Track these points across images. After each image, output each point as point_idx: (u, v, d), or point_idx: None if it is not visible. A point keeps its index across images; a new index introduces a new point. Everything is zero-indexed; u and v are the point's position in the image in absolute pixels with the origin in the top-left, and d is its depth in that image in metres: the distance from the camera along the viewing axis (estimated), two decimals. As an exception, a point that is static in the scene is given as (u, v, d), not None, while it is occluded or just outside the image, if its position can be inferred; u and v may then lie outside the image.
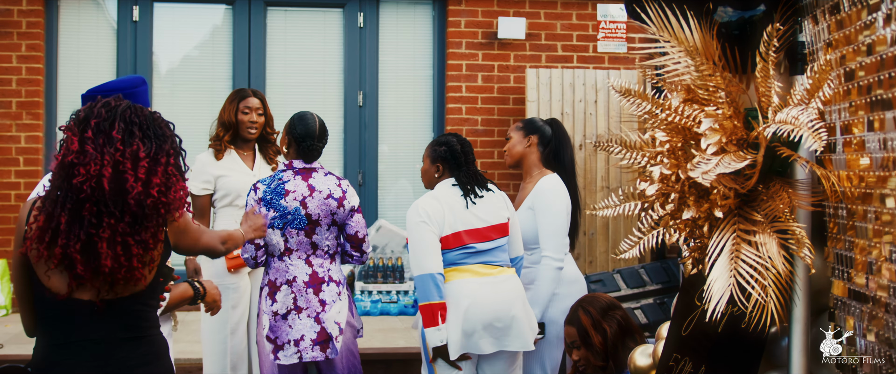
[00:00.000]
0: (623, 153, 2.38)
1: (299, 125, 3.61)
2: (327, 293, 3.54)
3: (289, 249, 3.53)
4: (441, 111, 6.30)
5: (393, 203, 6.38)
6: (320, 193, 3.55)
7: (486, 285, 3.39)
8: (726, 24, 2.31)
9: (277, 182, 3.54)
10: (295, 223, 3.51)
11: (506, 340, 3.39)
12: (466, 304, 3.33)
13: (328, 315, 3.52)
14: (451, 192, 3.50)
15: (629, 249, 2.37)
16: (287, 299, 3.50)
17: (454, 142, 3.56)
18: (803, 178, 2.22)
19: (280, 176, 3.57)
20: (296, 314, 3.49)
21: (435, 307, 3.31)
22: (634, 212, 2.38)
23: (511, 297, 3.41)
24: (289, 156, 3.63)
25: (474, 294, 3.35)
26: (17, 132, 5.91)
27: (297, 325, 3.48)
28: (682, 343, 2.47)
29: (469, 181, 3.52)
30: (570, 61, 6.24)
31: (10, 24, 5.90)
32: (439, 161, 3.57)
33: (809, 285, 2.22)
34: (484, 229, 3.45)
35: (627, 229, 5.50)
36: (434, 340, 3.31)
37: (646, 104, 2.30)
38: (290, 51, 6.32)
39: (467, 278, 3.39)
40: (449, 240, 3.42)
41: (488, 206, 3.50)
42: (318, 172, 3.61)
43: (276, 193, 3.52)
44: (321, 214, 3.54)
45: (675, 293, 4.31)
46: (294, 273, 3.52)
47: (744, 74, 2.27)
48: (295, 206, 3.51)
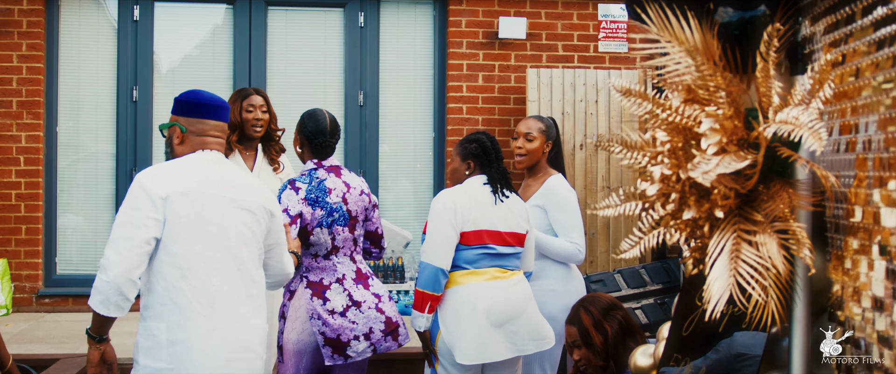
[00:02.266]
0: (624, 153, 2.38)
1: (310, 122, 3.58)
2: (376, 287, 3.59)
3: (336, 247, 3.51)
4: (442, 111, 6.30)
5: (393, 203, 6.38)
6: (355, 189, 3.58)
7: (499, 288, 3.40)
8: (727, 24, 2.31)
9: (317, 180, 3.51)
10: (341, 221, 3.50)
11: (519, 343, 3.40)
12: (482, 308, 3.34)
13: (388, 306, 3.56)
14: (481, 189, 3.48)
15: (630, 249, 2.37)
16: (341, 296, 3.47)
17: (484, 139, 3.55)
18: (804, 178, 2.21)
19: (316, 175, 3.54)
20: (356, 309, 3.47)
21: (428, 297, 3.38)
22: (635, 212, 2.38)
23: (523, 299, 3.44)
24: (304, 156, 3.62)
25: (490, 298, 3.36)
26: (18, 132, 5.92)
27: (361, 319, 3.46)
28: (683, 343, 2.47)
29: (500, 179, 3.51)
30: (570, 61, 6.24)
31: (11, 23, 5.90)
32: (470, 158, 3.54)
33: (810, 285, 2.22)
34: (505, 234, 3.45)
35: (628, 228, 5.50)
36: (417, 324, 3.41)
37: (646, 104, 2.30)
38: (291, 50, 6.32)
39: (483, 282, 3.39)
40: (470, 236, 3.40)
41: (512, 212, 3.50)
42: (344, 170, 3.63)
43: (321, 190, 3.49)
44: (358, 210, 3.58)
45: (675, 293, 4.31)
46: (343, 271, 3.51)
47: (744, 74, 2.27)
48: (338, 203, 3.50)
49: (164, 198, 2.70)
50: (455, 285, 3.39)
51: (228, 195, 2.81)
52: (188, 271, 2.70)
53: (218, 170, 2.84)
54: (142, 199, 2.70)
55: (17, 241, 5.94)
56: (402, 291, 5.87)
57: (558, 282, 3.82)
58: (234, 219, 2.80)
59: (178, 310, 2.69)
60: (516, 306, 3.39)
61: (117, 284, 2.61)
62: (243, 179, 2.91)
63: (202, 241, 2.73)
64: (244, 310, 2.80)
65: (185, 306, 2.70)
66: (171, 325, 2.69)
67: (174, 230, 2.70)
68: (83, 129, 6.17)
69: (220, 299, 2.74)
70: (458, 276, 3.40)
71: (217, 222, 2.77)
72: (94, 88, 6.16)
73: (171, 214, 2.70)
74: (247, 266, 2.82)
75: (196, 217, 2.73)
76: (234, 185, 2.85)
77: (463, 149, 3.56)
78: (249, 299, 2.82)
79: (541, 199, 3.83)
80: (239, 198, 2.83)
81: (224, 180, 2.83)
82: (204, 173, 2.80)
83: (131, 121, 6.12)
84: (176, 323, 2.69)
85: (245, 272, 2.81)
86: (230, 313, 2.75)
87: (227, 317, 2.74)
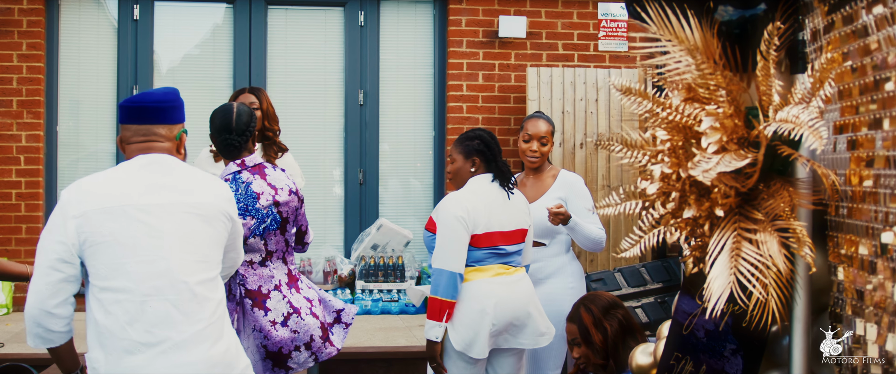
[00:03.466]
0: (624, 152, 2.38)
1: (217, 117, 3.34)
2: (306, 290, 3.42)
3: (270, 252, 3.30)
4: (442, 110, 6.30)
5: (393, 202, 6.38)
6: (282, 190, 3.33)
7: (505, 284, 3.41)
8: (727, 23, 2.31)
9: (243, 185, 3.23)
10: (272, 225, 3.28)
11: (521, 338, 3.42)
12: (491, 303, 3.35)
13: (319, 310, 3.40)
14: (488, 188, 3.45)
15: (630, 247, 2.37)
16: (281, 304, 3.27)
17: (485, 135, 3.50)
18: (804, 176, 2.22)
19: (240, 178, 3.25)
20: (297, 316, 3.29)
21: (445, 305, 3.31)
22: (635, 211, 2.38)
23: (527, 295, 3.47)
24: (219, 157, 3.44)
25: (498, 294, 3.37)
26: (18, 131, 5.92)
27: (303, 327, 3.28)
28: (683, 342, 2.47)
29: (507, 174, 3.47)
30: (570, 60, 6.24)
31: (11, 22, 5.90)
32: (475, 155, 3.48)
33: (810, 284, 2.22)
34: (511, 232, 3.46)
35: (628, 227, 5.50)
36: (431, 334, 3.33)
37: (646, 103, 2.30)
38: (291, 50, 6.32)
39: (488, 278, 3.40)
40: (480, 239, 3.38)
41: (517, 208, 3.52)
42: (268, 168, 3.37)
43: (250, 197, 3.23)
44: (289, 212, 3.38)
45: (675, 292, 4.31)
46: (278, 277, 3.31)
47: (744, 73, 2.27)
48: (269, 207, 3.27)
49: (79, 216, 2.41)
50: (463, 282, 3.39)
51: (167, 201, 2.49)
52: (120, 294, 2.40)
53: (153, 174, 2.53)
54: (55, 219, 2.45)
55: (18, 240, 5.94)
56: (402, 290, 5.87)
57: (576, 280, 3.88)
58: (173, 227, 2.47)
59: (113, 339, 2.38)
60: (521, 301, 3.42)
61: (33, 317, 2.40)
62: (192, 181, 2.59)
63: (132, 259, 2.41)
64: (192, 331, 2.44)
65: (121, 335, 2.38)
66: (108, 355, 2.40)
67: (98, 251, 2.41)
68: (83, 128, 6.17)
69: (159, 324, 2.41)
70: (465, 273, 3.40)
71: (149, 234, 2.44)
72: (95, 88, 6.16)
73: (91, 234, 2.40)
74: (193, 279, 2.46)
75: (122, 233, 2.41)
76: (176, 188, 2.53)
77: (465, 146, 3.49)
78: (198, 319, 2.46)
79: (561, 191, 3.92)
80: (182, 201, 2.51)
81: (162, 185, 2.52)
82: (133, 181, 2.50)
83: (131, 120, 6.12)
84: (114, 353, 2.39)
85: (191, 288, 2.46)
86: (174, 338, 2.41)
87: (169, 342, 2.40)
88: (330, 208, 6.34)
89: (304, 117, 6.28)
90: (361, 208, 6.27)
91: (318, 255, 6.07)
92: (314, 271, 5.98)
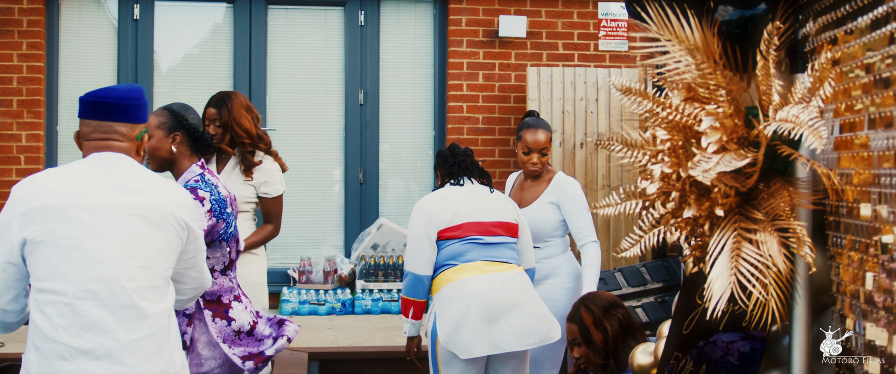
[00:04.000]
0: (624, 152, 2.38)
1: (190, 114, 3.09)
2: (248, 292, 3.27)
3: (231, 260, 3.04)
4: (442, 110, 6.30)
5: (393, 201, 6.38)
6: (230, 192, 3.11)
7: (494, 280, 3.39)
8: (727, 23, 2.31)
9: (215, 189, 2.99)
10: (235, 230, 3.05)
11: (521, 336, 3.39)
12: (475, 300, 3.34)
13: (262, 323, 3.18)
14: (462, 188, 3.59)
15: (630, 247, 2.37)
16: (245, 313, 3.04)
17: (445, 151, 3.71)
18: (804, 176, 2.22)
19: (209, 180, 3.00)
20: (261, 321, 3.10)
21: (411, 303, 3.50)
22: (635, 210, 2.38)
23: (518, 292, 3.41)
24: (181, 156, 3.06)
25: (481, 290, 3.35)
26: (18, 130, 5.92)
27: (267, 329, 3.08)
28: (684, 342, 2.47)
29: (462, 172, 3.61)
30: (571, 59, 6.24)
31: (11, 22, 5.90)
32: (437, 169, 3.70)
33: (810, 284, 2.22)
34: (488, 224, 3.48)
35: (628, 227, 5.50)
36: (405, 329, 3.56)
37: (646, 103, 2.30)
38: (291, 49, 6.32)
39: (474, 276, 3.39)
40: (453, 230, 3.46)
41: (497, 202, 3.55)
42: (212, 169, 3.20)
43: (223, 202, 2.98)
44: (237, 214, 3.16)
45: (676, 292, 4.32)
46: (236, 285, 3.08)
47: (744, 73, 2.27)
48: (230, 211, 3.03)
49: (23, 214, 2.31)
50: (448, 283, 3.40)
51: (114, 202, 2.35)
52: (55, 296, 2.27)
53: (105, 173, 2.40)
54: (4, 215, 2.35)
55: (18, 240, 5.94)
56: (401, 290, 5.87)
57: (572, 280, 3.87)
58: (116, 229, 2.33)
59: (47, 341, 2.27)
60: (510, 298, 3.37)
61: None
62: (145, 183, 2.43)
63: (70, 261, 2.29)
64: (128, 340, 2.30)
65: (54, 337, 2.27)
66: (41, 358, 2.29)
67: (37, 250, 2.30)
68: (83, 128, 6.17)
69: (93, 329, 2.27)
70: (449, 273, 3.42)
71: (90, 236, 2.31)
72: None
73: (33, 233, 2.29)
74: (132, 286, 2.31)
75: (63, 233, 2.29)
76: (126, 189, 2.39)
77: (435, 165, 3.73)
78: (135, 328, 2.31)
79: (552, 195, 3.88)
80: (130, 203, 2.36)
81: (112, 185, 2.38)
82: (82, 180, 2.37)
83: (132, 120, 6.12)
84: (47, 357, 2.28)
85: (129, 294, 2.31)
86: (107, 345, 2.27)
87: (102, 349, 2.27)
88: (330, 208, 6.34)
89: (305, 117, 6.28)
90: (361, 207, 6.27)
91: (319, 255, 6.07)
92: (314, 270, 5.98)
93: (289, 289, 5.86)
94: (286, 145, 6.26)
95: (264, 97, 6.17)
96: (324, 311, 5.78)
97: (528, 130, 3.92)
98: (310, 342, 4.92)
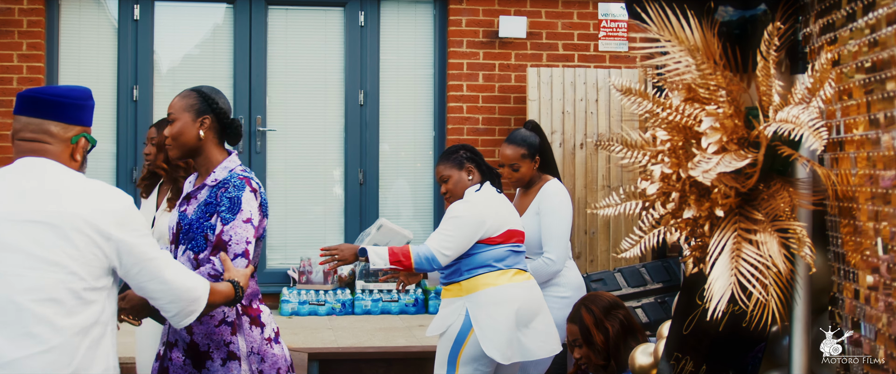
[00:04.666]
0: (624, 152, 2.38)
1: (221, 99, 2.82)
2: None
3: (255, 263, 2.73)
4: (442, 110, 6.30)
5: (393, 202, 6.38)
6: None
7: (526, 288, 3.45)
8: (727, 23, 2.31)
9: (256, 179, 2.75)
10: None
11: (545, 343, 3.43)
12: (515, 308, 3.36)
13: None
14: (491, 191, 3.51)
15: (630, 248, 2.37)
16: (270, 319, 2.77)
17: (468, 145, 3.60)
18: (804, 177, 2.22)
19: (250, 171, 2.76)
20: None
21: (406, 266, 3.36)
22: (635, 211, 2.38)
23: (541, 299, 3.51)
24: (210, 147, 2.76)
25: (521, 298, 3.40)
26: (19, 131, 5.92)
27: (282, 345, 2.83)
28: (683, 342, 2.48)
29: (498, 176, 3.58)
30: (571, 60, 6.24)
31: (11, 22, 5.90)
32: (469, 164, 3.52)
33: (810, 284, 2.22)
34: (519, 232, 3.52)
35: (628, 227, 5.50)
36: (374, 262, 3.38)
37: (647, 103, 2.30)
38: (291, 50, 6.32)
39: (515, 282, 3.42)
40: (501, 237, 3.43)
41: (514, 211, 3.58)
42: None
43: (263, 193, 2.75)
44: None
45: (676, 292, 4.32)
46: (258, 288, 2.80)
47: (744, 73, 2.27)
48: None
49: None
50: (489, 287, 3.37)
51: (20, 209, 2.12)
52: None
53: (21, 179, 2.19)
54: None
55: (18, 240, 5.94)
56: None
57: (570, 290, 3.84)
58: (17, 238, 2.09)
59: None
60: (538, 305, 3.44)
61: None
62: (64, 189, 2.19)
63: None
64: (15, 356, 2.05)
65: None
66: None
67: None
68: (83, 128, 6.17)
69: None
70: (491, 277, 3.39)
71: None
72: (95, 88, 6.11)
73: None
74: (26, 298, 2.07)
75: None
76: (38, 196, 2.15)
77: (456, 159, 3.51)
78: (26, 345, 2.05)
79: (537, 205, 3.84)
80: (38, 210, 2.12)
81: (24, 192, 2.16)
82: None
83: (131, 120, 6.12)
84: None
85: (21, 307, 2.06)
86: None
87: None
88: (330, 208, 6.34)
89: (305, 117, 6.28)
90: (361, 208, 6.27)
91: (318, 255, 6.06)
92: (314, 271, 5.98)
93: (288, 289, 5.86)
94: (286, 146, 6.28)
95: (264, 98, 6.17)
96: (324, 311, 5.78)
97: (502, 145, 3.92)
98: (310, 342, 4.92)
